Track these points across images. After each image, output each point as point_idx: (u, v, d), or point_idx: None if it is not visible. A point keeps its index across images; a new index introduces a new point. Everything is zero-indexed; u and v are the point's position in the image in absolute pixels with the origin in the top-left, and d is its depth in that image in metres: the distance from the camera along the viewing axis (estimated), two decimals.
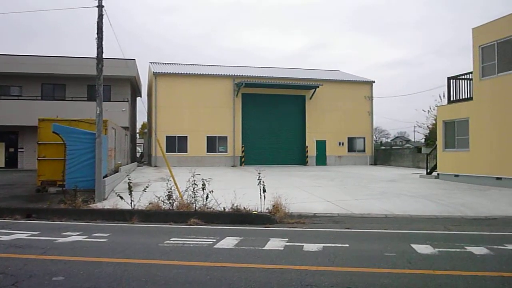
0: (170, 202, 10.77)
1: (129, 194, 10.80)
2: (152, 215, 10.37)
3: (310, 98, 36.66)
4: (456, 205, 12.73)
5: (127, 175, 18.31)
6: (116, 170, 19.04)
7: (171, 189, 11.00)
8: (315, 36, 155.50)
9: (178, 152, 33.44)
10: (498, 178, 17.30)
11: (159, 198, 10.91)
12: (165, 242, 7.51)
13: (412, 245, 7.31)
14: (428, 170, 23.15)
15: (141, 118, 58.39)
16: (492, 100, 17.74)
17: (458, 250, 7.05)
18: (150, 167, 32.82)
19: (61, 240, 7.75)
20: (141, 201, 10.82)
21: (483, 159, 18.07)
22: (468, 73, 19.61)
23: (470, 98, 19.27)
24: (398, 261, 6.26)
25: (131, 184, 11.27)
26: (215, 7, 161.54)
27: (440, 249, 7.02)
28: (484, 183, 17.72)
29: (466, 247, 7.17)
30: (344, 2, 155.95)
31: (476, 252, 6.85)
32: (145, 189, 11.66)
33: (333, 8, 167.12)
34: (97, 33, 13.41)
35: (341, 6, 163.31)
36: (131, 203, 10.69)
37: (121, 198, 10.83)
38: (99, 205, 11.87)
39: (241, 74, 36.18)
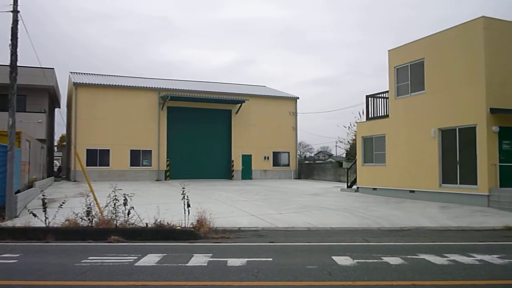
0: (89, 219, 10.24)
1: (43, 211, 10.13)
2: (69, 232, 9.81)
3: (236, 112, 36.95)
4: (374, 217, 13.34)
5: (42, 191, 17.23)
6: (30, 185, 17.91)
7: (90, 204, 10.48)
8: (243, 52, 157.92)
9: (99, 166, 32.17)
10: (411, 191, 18.39)
11: (77, 214, 10.33)
12: (82, 261, 7.13)
13: (333, 257, 7.52)
14: (349, 184, 24.10)
15: (60, 130, 55.55)
16: (406, 118, 18.91)
17: (375, 261, 7.36)
18: (69, 181, 31.22)
19: None
20: (57, 218, 10.18)
21: (398, 173, 19.15)
22: (385, 92, 20.79)
23: (387, 116, 20.42)
24: (319, 273, 6.41)
25: (45, 200, 10.59)
26: (142, 19, 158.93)
27: (359, 260, 7.28)
28: (400, 195, 18.75)
29: (382, 258, 7.50)
30: (272, 21, 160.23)
31: (391, 262, 7.19)
32: (61, 205, 10.99)
33: (261, 25, 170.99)
34: (11, 40, 12.62)
35: (269, 24, 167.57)
36: (45, 220, 10.05)
37: (34, 215, 10.12)
38: (9, 223, 11.05)
39: (166, 87, 35.74)
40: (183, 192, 10.44)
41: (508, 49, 16.06)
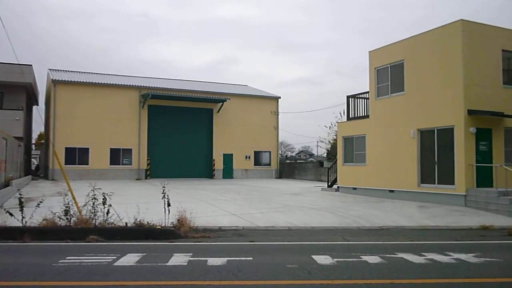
0: (67, 218, 10.09)
1: (20, 210, 9.94)
2: (46, 232, 9.63)
3: (218, 111, 36.86)
4: (354, 216, 13.47)
5: (19, 190, 16.94)
6: (6, 184, 17.57)
7: (68, 204, 10.32)
8: (225, 51, 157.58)
9: (78, 164, 31.71)
10: (391, 191, 18.61)
11: (54, 214, 10.16)
12: (60, 261, 7.02)
13: (313, 256, 7.56)
14: (329, 184, 24.27)
15: (38, 128, 54.61)
16: (386, 118, 19.14)
17: (354, 259, 7.43)
18: (47, 180, 30.69)
19: None
20: (34, 217, 10.00)
21: (378, 173, 19.37)
22: (365, 93, 21.00)
23: (367, 116, 20.62)
24: (299, 272, 6.44)
25: (22, 199, 10.39)
26: (123, 17, 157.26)
27: (339, 259, 7.34)
28: (379, 195, 18.96)
29: (362, 257, 7.58)
30: (254, 20, 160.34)
31: (370, 261, 7.27)
32: (39, 204, 10.79)
33: (243, 25, 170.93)
34: None
35: (251, 24, 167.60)
36: (22, 219, 9.86)
37: (11, 214, 9.92)
38: None
39: (147, 86, 35.43)
40: (163, 191, 10.38)
41: (485, 52, 16.38)
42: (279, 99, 40.49)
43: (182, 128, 35.87)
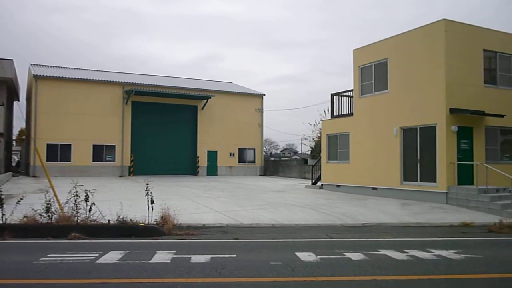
0: (48, 215, 9.95)
1: (0, 207, 9.77)
2: (27, 229, 9.49)
3: (202, 108, 36.72)
4: (337, 214, 13.55)
5: None
6: None
7: (50, 201, 10.17)
8: (211, 48, 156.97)
9: (60, 161, 31.31)
10: (374, 188, 18.77)
11: (36, 211, 10.01)
12: (41, 259, 6.92)
13: (296, 253, 7.59)
14: (313, 181, 24.37)
15: (19, 124, 53.74)
16: (369, 116, 19.28)
17: (338, 256, 7.47)
18: (28, 177, 30.25)
19: None
20: (15, 214, 9.85)
21: (361, 171, 19.52)
22: (349, 91, 21.12)
23: (351, 114, 20.75)
24: (283, 269, 6.45)
25: (2, 196, 10.20)
26: (109, 12, 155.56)
27: (322, 256, 7.38)
28: (363, 193, 19.11)
29: (345, 254, 7.63)
30: (240, 17, 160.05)
31: (353, 258, 7.32)
32: (19, 201, 10.59)
33: (229, 22, 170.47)
34: None
35: (237, 21, 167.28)
36: (2, 217, 9.70)
37: None
38: None
39: (131, 82, 35.10)
40: (147, 188, 10.30)
41: (467, 51, 16.60)
42: (264, 97, 40.52)
43: (166, 125, 35.64)
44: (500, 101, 17.08)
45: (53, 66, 37.46)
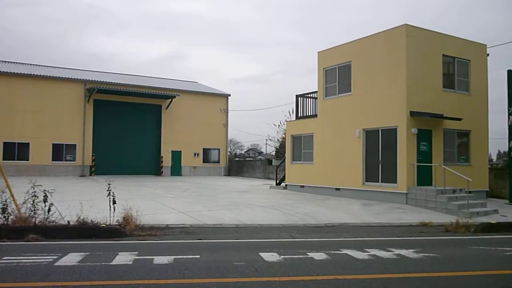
0: (4, 216, 9.59)
1: None
2: None
3: (167, 108, 36.31)
4: (301, 214, 13.68)
5: None
6: None
7: (6, 201, 9.81)
8: (175, 47, 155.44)
9: (18, 160, 30.24)
10: (337, 189, 19.05)
11: None
12: None
13: (260, 253, 7.61)
14: (278, 182, 24.52)
15: None
16: (333, 118, 19.56)
17: (301, 256, 7.55)
18: None
19: None
20: None
21: (325, 171, 19.78)
22: (314, 92, 21.36)
23: (315, 115, 20.99)
24: (246, 269, 6.46)
25: None
26: (69, 7, 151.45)
27: (285, 256, 7.44)
28: (326, 193, 19.36)
29: (308, 253, 7.71)
30: (204, 16, 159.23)
31: (316, 257, 7.41)
32: None
33: (194, 21, 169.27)
34: None
35: (202, 19, 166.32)
36: None
37: None
38: None
39: (93, 79, 34.32)
40: (108, 188, 10.11)
41: (427, 56, 17.09)
42: (229, 97, 40.45)
43: (129, 124, 35.02)
44: (457, 105, 17.69)
45: (10, 62, 36.12)
